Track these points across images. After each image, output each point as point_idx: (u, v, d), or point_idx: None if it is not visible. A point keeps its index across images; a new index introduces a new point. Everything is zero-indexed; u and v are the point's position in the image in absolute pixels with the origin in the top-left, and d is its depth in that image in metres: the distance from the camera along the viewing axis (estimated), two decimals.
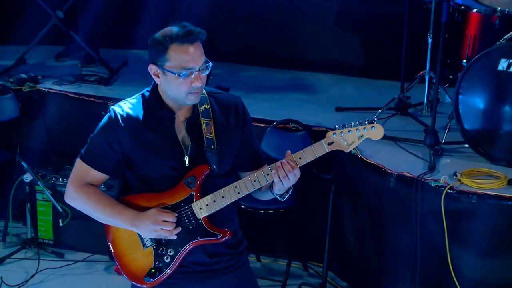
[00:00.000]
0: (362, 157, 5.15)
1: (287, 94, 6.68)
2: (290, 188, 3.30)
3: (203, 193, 3.30)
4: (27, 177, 5.77)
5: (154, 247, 3.34)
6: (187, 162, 3.28)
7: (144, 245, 3.36)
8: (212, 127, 3.30)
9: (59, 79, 6.75)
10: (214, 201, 3.28)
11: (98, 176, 3.36)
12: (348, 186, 5.43)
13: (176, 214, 3.27)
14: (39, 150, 6.39)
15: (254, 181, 3.26)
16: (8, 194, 6.03)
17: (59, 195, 5.82)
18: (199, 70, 3.16)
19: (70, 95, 6.44)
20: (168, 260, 3.33)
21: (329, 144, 3.22)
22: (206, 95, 3.35)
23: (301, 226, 5.82)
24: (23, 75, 6.60)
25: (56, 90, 6.53)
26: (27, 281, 5.57)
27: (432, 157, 5.04)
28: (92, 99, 6.36)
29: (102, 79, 6.84)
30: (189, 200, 3.29)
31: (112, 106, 3.35)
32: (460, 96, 5.06)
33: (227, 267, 3.44)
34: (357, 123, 3.21)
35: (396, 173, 4.90)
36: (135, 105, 3.32)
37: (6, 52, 7.49)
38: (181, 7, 7.43)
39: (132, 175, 3.37)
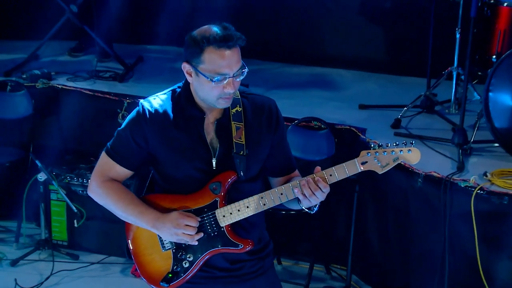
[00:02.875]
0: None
1: (308, 91, 6.58)
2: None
3: (228, 200, 3.20)
4: (41, 176, 5.67)
5: (174, 250, 3.26)
6: (214, 165, 3.18)
7: (163, 247, 3.27)
8: (243, 131, 3.19)
9: (73, 75, 6.65)
10: (238, 210, 3.19)
11: (122, 171, 3.28)
12: (372, 187, 5.32)
13: (199, 219, 3.17)
14: (53, 148, 6.28)
15: (281, 194, 3.15)
16: (21, 194, 5.92)
17: (73, 195, 5.75)
18: (233, 76, 3.04)
19: (85, 91, 6.32)
20: (187, 265, 3.25)
21: (363, 163, 3.10)
22: (239, 96, 3.23)
23: (323, 228, 5.69)
24: (36, 71, 6.49)
25: (70, 86, 6.42)
26: (42, 283, 5.47)
27: (461, 156, 4.93)
28: (107, 95, 6.24)
29: (117, 75, 6.74)
30: (213, 207, 3.20)
31: (141, 101, 3.25)
32: (490, 94, 4.97)
33: (250, 273, 3.35)
34: (394, 144, 3.10)
35: (423, 173, 4.80)
36: (165, 101, 3.21)
37: (18, 47, 7.41)
38: (198, 1, 7.34)
39: (157, 173, 3.29)
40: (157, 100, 3.21)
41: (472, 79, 5.79)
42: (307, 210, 3.20)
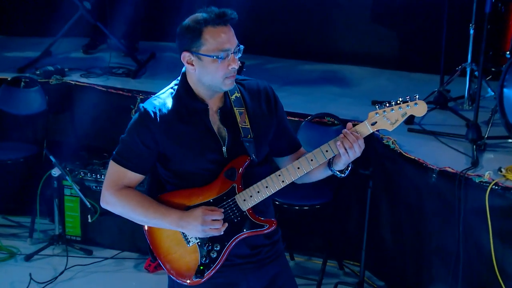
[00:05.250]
0: (402, 152, 5.02)
1: (321, 87, 6.57)
2: (349, 164, 3.22)
3: (244, 184, 3.21)
4: (55, 172, 5.70)
5: (199, 243, 3.26)
6: (225, 154, 3.19)
7: (188, 242, 3.27)
8: (246, 115, 3.22)
9: (86, 72, 6.67)
10: (258, 192, 3.20)
11: (134, 177, 3.24)
12: (386, 182, 5.30)
13: (222, 210, 3.19)
14: (66, 144, 6.32)
15: (298, 168, 3.17)
16: (35, 190, 5.94)
17: (87, 190, 5.77)
18: (234, 52, 3.08)
19: (98, 88, 6.35)
20: (215, 255, 3.25)
21: (373, 124, 3.16)
22: (235, 83, 3.25)
23: (336, 223, 5.69)
24: (50, 68, 6.53)
25: (83, 83, 6.46)
26: (56, 278, 5.49)
27: (475, 152, 4.90)
28: (120, 92, 6.27)
29: (130, 71, 6.76)
30: (232, 193, 3.21)
31: (141, 104, 3.21)
32: (504, 90, 4.92)
33: (266, 258, 3.37)
34: (399, 101, 3.15)
35: (437, 169, 4.77)
36: (166, 99, 3.21)
37: (32, 44, 7.45)
38: None
39: (167, 172, 3.25)
40: (158, 100, 3.20)
41: (485, 75, 5.76)
42: (339, 174, 3.23)
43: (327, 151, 3.15)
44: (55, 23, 7.00)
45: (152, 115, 3.15)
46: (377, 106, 3.16)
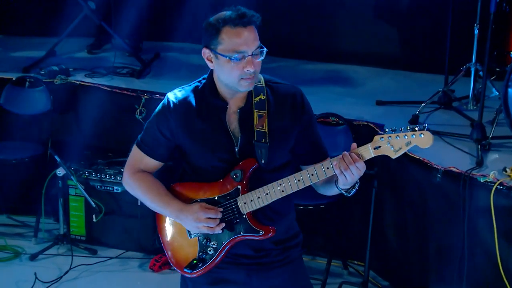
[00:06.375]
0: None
1: (324, 87, 6.56)
2: (356, 183, 3.16)
3: (250, 188, 3.21)
4: (60, 172, 5.71)
5: (199, 238, 3.29)
6: (237, 154, 3.20)
7: (189, 235, 3.32)
8: (266, 119, 3.19)
9: (91, 72, 6.68)
10: (258, 197, 3.20)
11: (151, 163, 3.34)
12: (391, 182, 5.30)
13: (221, 209, 3.22)
14: (71, 144, 6.32)
15: (299, 180, 3.14)
16: (40, 189, 5.95)
17: (92, 190, 5.78)
18: (252, 55, 3.06)
19: (103, 87, 6.36)
20: (212, 252, 3.28)
21: (376, 148, 3.08)
22: (264, 85, 3.24)
23: (341, 223, 5.69)
24: (55, 68, 6.54)
25: (88, 82, 6.46)
26: (61, 277, 5.50)
27: (479, 152, 4.89)
28: (125, 92, 6.27)
29: (134, 71, 6.76)
30: (235, 194, 3.22)
31: (168, 93, 3.30)
32: (509, 90, 4.91)
33: (275, 261, 3.36)
34: (407, 128, 3.06)
35: (442, 169, 4.77)
36: (190, 92, 3.25)
37: (36, 44, 7.46)
38: None
39: (185, 164, 3.33)
40: (182, 92, 3.26)
41: (490, 75, 5.74)
42: (345, 193, 3.18)
43: (327, 168, 3.10)
44: (60, 23, 7.00)
45: (172, 106, 3.23)
46: (385, 130, 3.10)
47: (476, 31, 5.64)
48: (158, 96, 6.10)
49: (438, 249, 5.00)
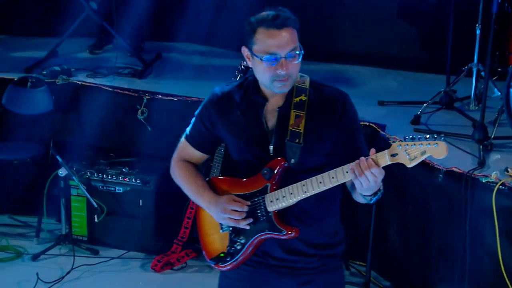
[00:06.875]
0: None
1: None
2: (379, 190, 3.10)
3: (281, 187, 3.21)
4: (62, 172, 5.71)
5: (230, 232, 3.33)
6: (271, 152, 3.21)
7: (221, 228, 3.36)
8: (303, 120, 3.16)
9: (93, 72, 6.68)
10: (284, 197, 3.19)
11: (194, 153, 3.42)
12: (392, 182, 5.26)
13: (249, 203, 3.23)
14: (73, 144, 6.31)
15: (320, 182, 3.10)
16: (42, 189, 5.95)
17: (93, 190, 5.79)
18: (285, 57, 3.05)
19: (105, 88, 6.35)
20: (239, 247, 3.30)
21: (392, 155, 3.00)
22: (308, 86, 3.22)
23: (342, 223, 5.65)
24: (56, 68, 6.54)
25: (90, 83, 6.45)
26: (63, 277, 5.50)
27: (481, 152, 4.89)
28: (127, 92, 6.27)
29: (136, 71, 6.76)
30: (263, 192, 3.23)
31: (216, 86, 3.37)
32: (511, 90, 4.92)
33: (308, 268, 3.33)
34: (425, 137, 2.98)
35: (444, 169, 4.77)
36: (235, 87, 3.28)
37: (38, 44, 7.47)
38: None
39: (227, 157, 3.46)
40: (228, 86, 3.31)
41: (492, 75, 5.73)
42: (366, 199, 3.13)
43: (347, 172, 3.02)
44: (62, 23, 6.99)
45: (216, 99, 3.29)
46: (405, 137, 3.01)
47: (478, 31, 5.63)
48: (160, 96, 6.10)
49: (439, 249, 5.00)
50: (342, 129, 3.18)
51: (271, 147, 3.19)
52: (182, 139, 3.44)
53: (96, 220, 5.75)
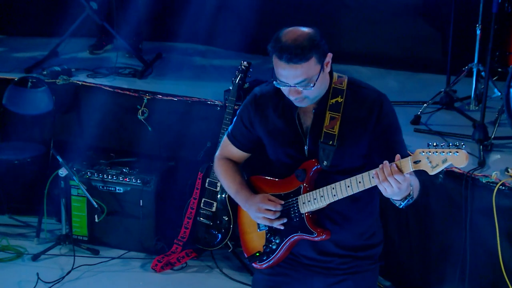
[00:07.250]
0: (409, 152, 4.99)
1: None
2: (409, 195, 3.06)
3: (315, 188, 3.23)
4: (62, 172, 5.72)
5: (267, 231, 3.38)
6: (306, 153, 3.24)
7: (259, 227, 3.42)
8: (338, 122, 3.16)
9: (93, 72, 6.68)
10: (315, 199, 3.22)
11: (235, 152, 3.51)
12: None
13: (282, 202, 3.27)
14: (73, 144, 6.33)
15: (348, 186, 3.09)
16: (42, 190, 5.94)
17: (94, 190, 5.78)
18: (295, 85, 3.06)
19: (105, 88, 6.35)
20: (274, 247, 3.36)
21: (415, 162, 2.96)
22: (345, 87, 3.21)
23: None
24: (57, 68, 6.54)
25: (90, 83, 6.45)
26: (63, 277, 5.49)
27: (481, 152, 4.89)
28: (127, 92, 6.27)
29: (136, 72, 6.75)
30: (297, 193, 3.27)
31: (257, 87, 3.42)
32: (511, 90, 4.90)
33: (341, 269, 3.35)
34: (448, 145, 2.95)
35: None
36: (274, 88, 3.26)
37: (38, 44, 7.47)
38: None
39: (266, 157, 3.44)
40: (268, 87, 3.34)
41: (492, 75, 5.73)
42: (396, 204, 3.11)
43: (372, 177, 3.00)
44: (62, 24, 7.00)
45: (255, 98, 3.36)
46: (428, 144, 2.97)
47: (478, 32, 5.62)
48: (160, 96, 6.10)
49: (440, 249, 5.00)
50: (379, 132, 3.16)
51: (306, 148, 3.22)
52: (225, 137, 3.54)
53: (96, 220, 5.74)
